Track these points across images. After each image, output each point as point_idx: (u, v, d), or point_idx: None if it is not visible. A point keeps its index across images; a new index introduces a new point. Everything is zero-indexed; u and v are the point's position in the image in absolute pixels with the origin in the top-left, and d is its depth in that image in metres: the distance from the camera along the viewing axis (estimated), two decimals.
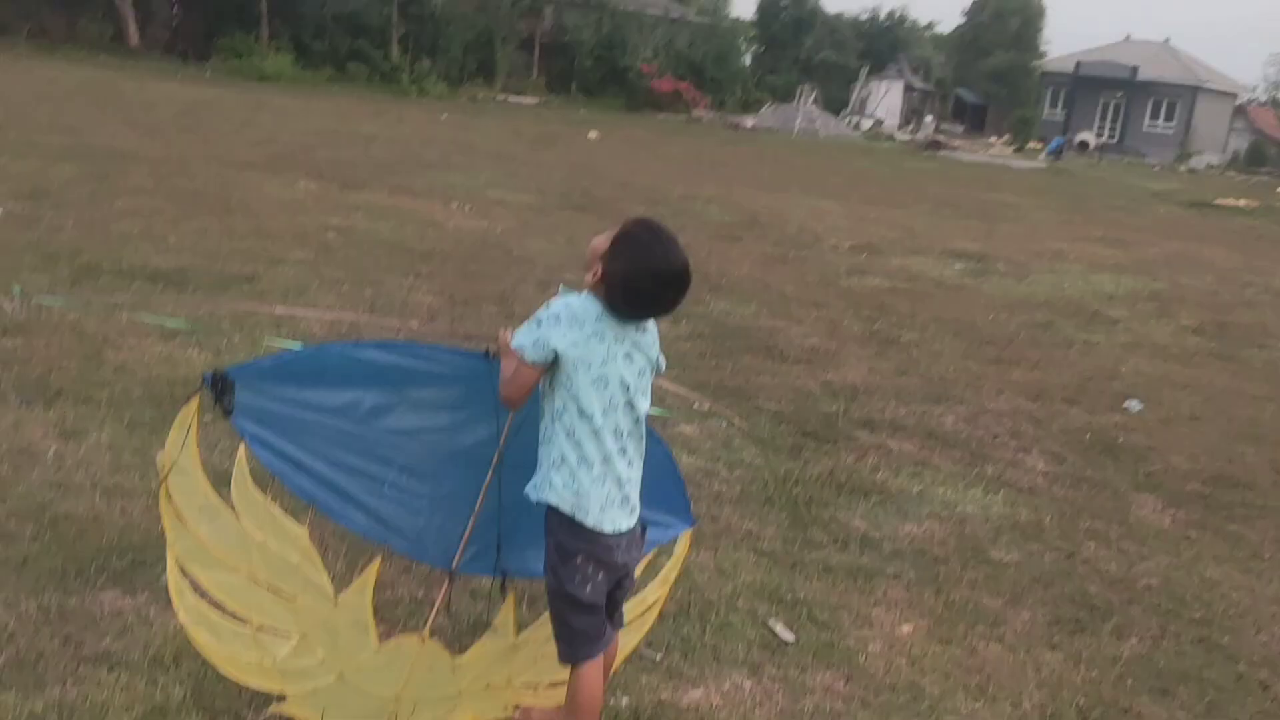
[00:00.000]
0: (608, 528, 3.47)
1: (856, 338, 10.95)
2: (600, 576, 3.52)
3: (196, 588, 3.53)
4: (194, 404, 3.45)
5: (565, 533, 3.48)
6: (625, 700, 4.24)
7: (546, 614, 3.72)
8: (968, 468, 7.44)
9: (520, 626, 3.99)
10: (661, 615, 5.00)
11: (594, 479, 3.42)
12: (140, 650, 4.10)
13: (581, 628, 3.55)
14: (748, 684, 4.52)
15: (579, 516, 3.44)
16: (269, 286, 9.92)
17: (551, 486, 3.46)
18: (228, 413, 3.36)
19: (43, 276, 9.30)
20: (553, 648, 3.59)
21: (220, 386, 3.33)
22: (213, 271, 10.22)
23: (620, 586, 3.67)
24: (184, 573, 3.46)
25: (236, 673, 3.57)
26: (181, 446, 3.39)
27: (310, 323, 8.89)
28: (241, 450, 3.64)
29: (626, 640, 4.15)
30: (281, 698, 3.67)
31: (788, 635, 4.99)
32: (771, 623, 5.07)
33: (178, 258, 10.59)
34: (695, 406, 7.96)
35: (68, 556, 4.70)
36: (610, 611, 3.68)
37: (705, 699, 4.34)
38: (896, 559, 6.03)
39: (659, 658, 4.60)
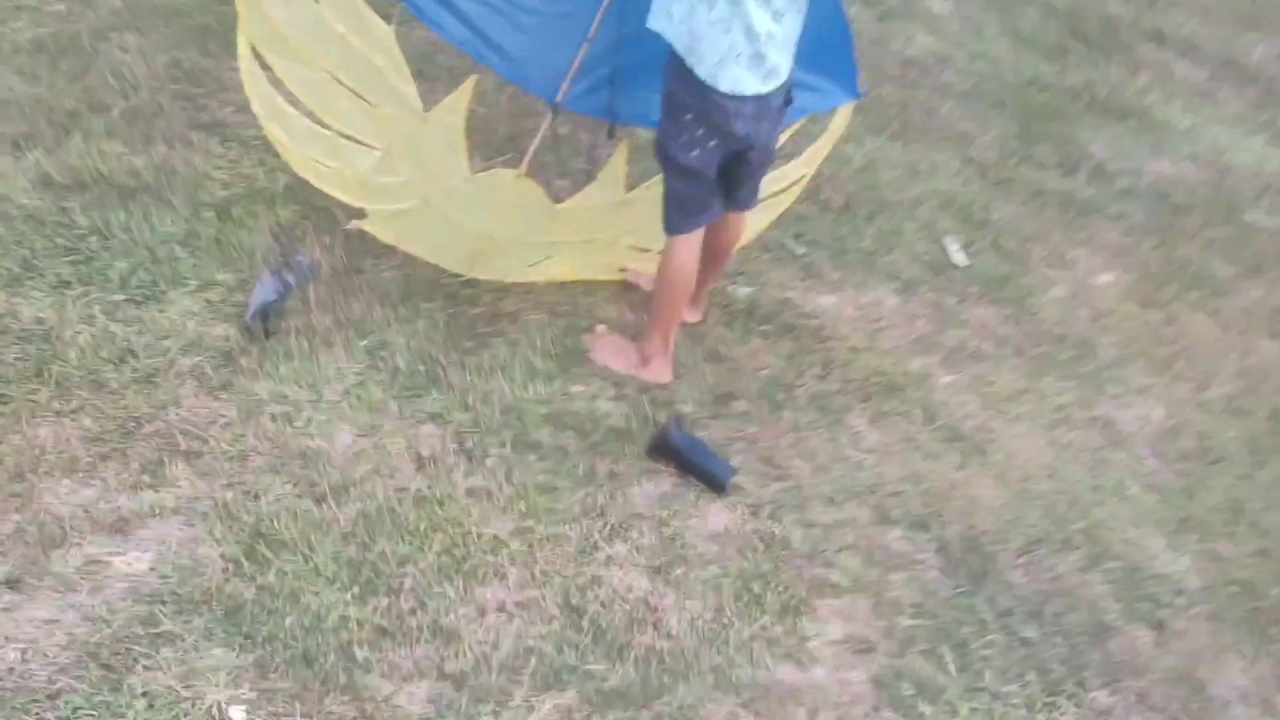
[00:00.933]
0: (725, 86, 2.85)
1: None
2: (712, 143, 2.96)
3: (273, 80, 3.20)
4: None
5: (678, 81, 2.90)
6: (745, 290, 3.82)
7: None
8: (1257, 111, 6.19)
9: (632, 183, 3.53)
10: (824, 206, 4.46)
11: (713, 22, 2.76)
12: (257, 131, 3.89)
13: (681, 196, 3.07)
14: (892, 301, 4.00)
15: (690, 63, 2.83)
16: None
17: (669, 17, 2.84)
18: None
19: None
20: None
21: None
22: None
23: (745, 161, 3.11)
24: (257, 57, 3.11)
25: (315, 178, 3.31)
26: None
27: None
28: None
29: (757, 219, 3.65)
30: (363, 214, 3.42)
31: (961, 259, 4.37)
32: (947, 241, 4.45)
33: None
34: None
35: (217, 17, 4.44)
36: (732, 188, 3.16)
37: (836, 308, 3.87)
38: (1128, 198, 5.15)
39: (801, 252, 4.11)
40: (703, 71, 2.82)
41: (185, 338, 3.01)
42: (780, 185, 3.67)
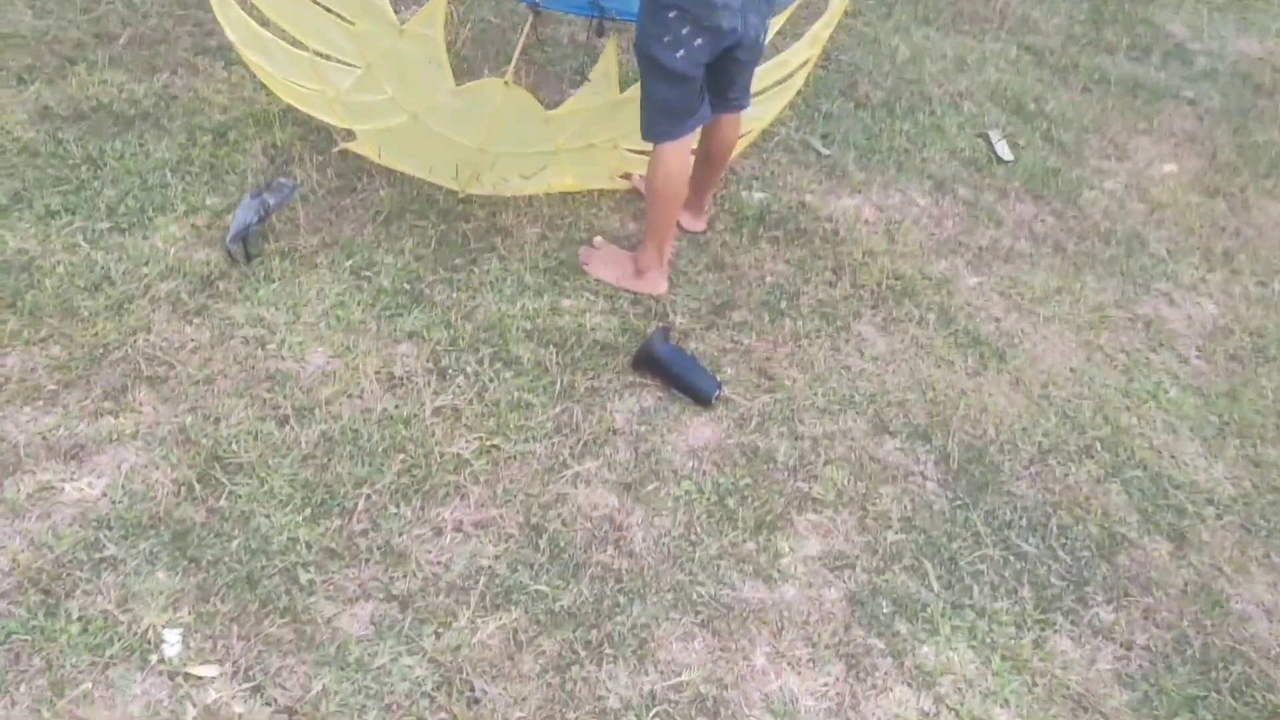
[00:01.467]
0: None
1: None
2: (698, 42, 2.76)
3: (247, 5, 3.12)
4: None
5: None
6: (757, 195, 3.64)
7: None
8: None
9: (625, 82, 3.36)
10: (860, 103, 4.23)
11: None
12: None
13: (664, 100, 2.89)
14: (922, 202, 3.77)
15: None
16: None
17: None
18: None
19: None
20: None
21: None
22: None
23: (734, 60, 2.92)
24: None
25: (298, 102, 3.25)
26: None
27: None
28: None
29: (765, 109, 3.45)
30: (353, 135, 3.34)
31: (1006, 153, 4.10)
32: (993, 135, 4.17)
33: None
34: None
35: None
36: (721, 88, 2.98)
37: (856, 210, 3.67)
38: (1205, 81, 4.77)
39: (827, 153, 3.90)
40: None
41: (165, 264, 2.99)
42: (784, 71, 3.45)
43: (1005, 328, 3.28)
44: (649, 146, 3.13)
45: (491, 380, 2.82)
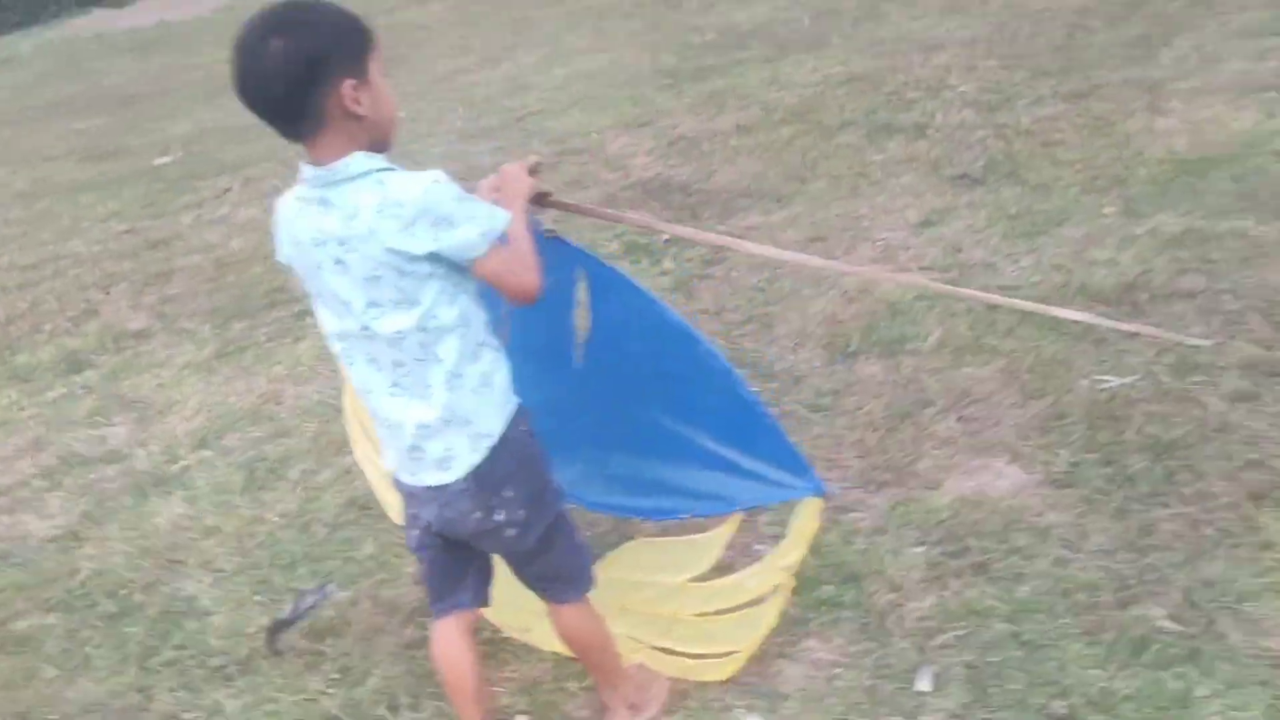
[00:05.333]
0: (392, 469, 2.33)
1: None
2: (416, 531, 2.36)
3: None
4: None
5: None
6: None
7: None
8: None
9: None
10: None
11: (370, 411, 2.29)
12: None
13: (420, 576, 2.57)
14: None
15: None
16: None
17: None
18: None
19: None
20: None
21: None
22: None
23: (475, 551, 2.40)
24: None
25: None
26: None
27: None
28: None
29: (731, 642, 2.76)
30: None
31: None
32: None
33: None
34: None
35: None
36: (470, 574, 2.44)
37: None
38: None
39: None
40: (385, 458, 2.38)
41: None
42: (741, 599, 2.74)
43: None
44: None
45: None
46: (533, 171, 2.41)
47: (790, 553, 2.63)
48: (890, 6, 8.79)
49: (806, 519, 2.57)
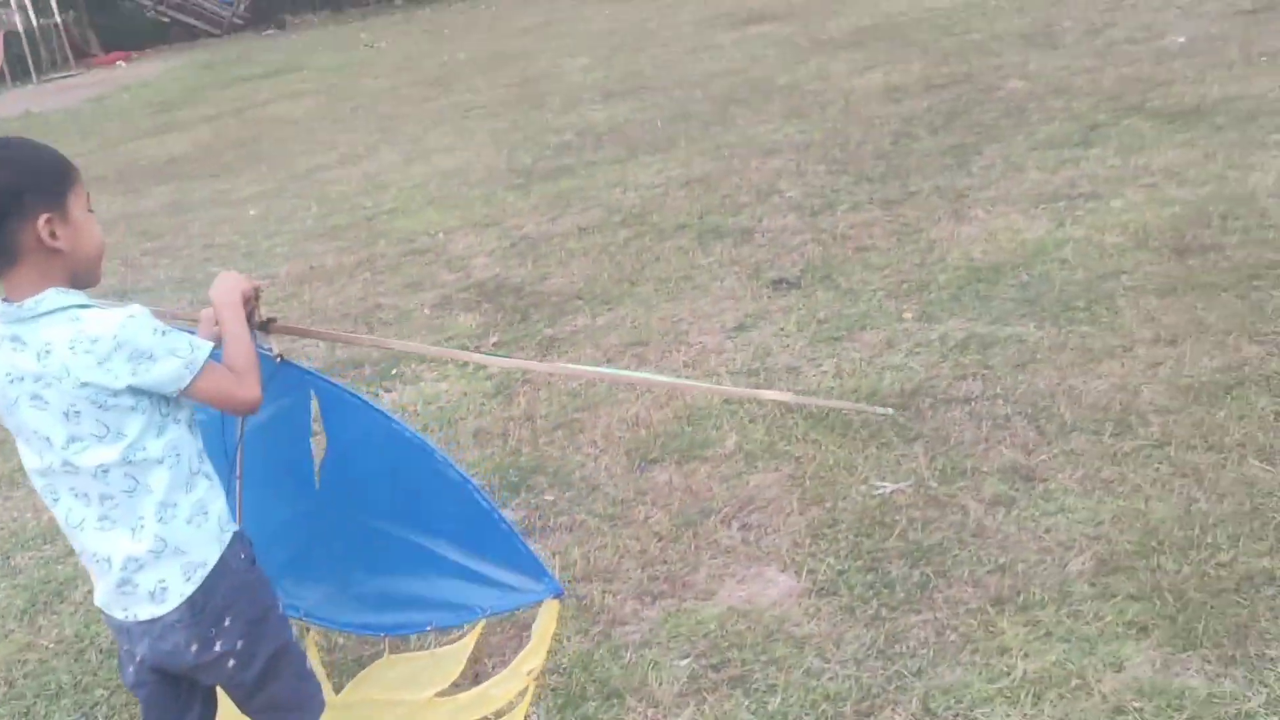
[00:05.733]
0: (102, 605, 2.27)
1: None
2: (130, 668, 2.30)
3: None
4: None
5: None
6: None
7: None
8: None
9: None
10: None
11: (78, 548, 2.25)
12: None
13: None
14: None
15: None
16: None
17: None
18: None
19: None
20: None
21: None
22: None
23: (198, 685, 2.34)
24: None
25: None
26: None
27: None
28: None
29: None
30: None
31: None
32: None
33: None
34: None
35: None
36: (193, 710, 2.37)
37: None
38: None
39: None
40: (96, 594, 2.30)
41: None
42: (479, 713, 2.80)
43: None
44: None
45: None
46: (255, 297, 2.43)
47: (532, 657, 2.77)
48: (739, 110, 9.13)
49: (546, 621, 2.73)
